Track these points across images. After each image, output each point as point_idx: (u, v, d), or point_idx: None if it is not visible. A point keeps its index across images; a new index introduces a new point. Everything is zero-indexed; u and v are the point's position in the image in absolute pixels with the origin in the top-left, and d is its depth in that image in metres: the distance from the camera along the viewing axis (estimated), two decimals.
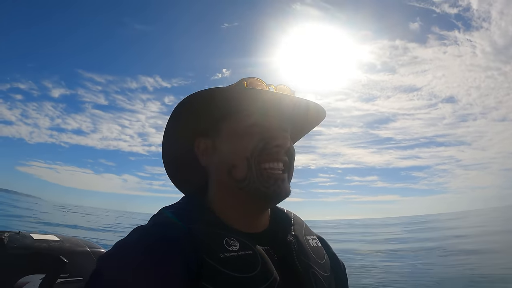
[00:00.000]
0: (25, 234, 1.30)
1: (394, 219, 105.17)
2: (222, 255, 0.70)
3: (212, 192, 0.86)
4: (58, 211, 49.73)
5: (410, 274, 10.38)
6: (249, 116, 0.81)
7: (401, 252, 16.54)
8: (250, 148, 0.78)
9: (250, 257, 0.73)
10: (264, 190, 0.78)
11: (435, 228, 37.44)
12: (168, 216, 0.78)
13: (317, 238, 0.96)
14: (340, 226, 49.33)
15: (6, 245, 1.20)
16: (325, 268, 0.86)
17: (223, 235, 0.74)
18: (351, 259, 13.92)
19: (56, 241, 1.32)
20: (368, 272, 10.88)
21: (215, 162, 0.84)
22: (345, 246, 19.94)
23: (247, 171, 0.78)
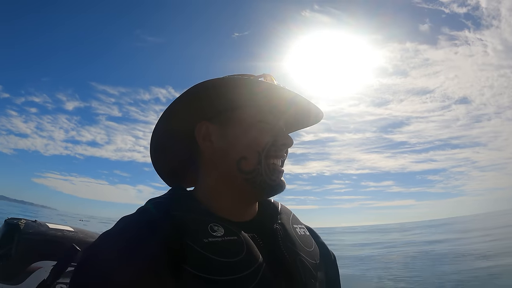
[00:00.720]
0: (41, 223, 1.33)
1: (419, 223, 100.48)
2: (206, 240, 0.70)
3: (205, 178, 0.86)
4: (74, 220, 50.39)
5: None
6: (264, 111, 0.83)
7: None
8: (262, 143, 0.81)
9: (234, 243, 0.73)
10: (270, 183, 0.81)
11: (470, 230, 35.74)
12: (153, 205, 0.79)
13: (305, 227, 0.97)
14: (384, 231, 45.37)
15: (22, 230, 1.23)
16: (313, 256, 0.86)
17: (207, 221, 0.75)
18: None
19: (70, 231, 1.34)
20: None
21: (221, 150, 0.83)
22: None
23: (256, 164, 0.80)
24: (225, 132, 0.83)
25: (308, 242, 0.90)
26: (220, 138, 0.83)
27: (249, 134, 0.81)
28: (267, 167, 0.81)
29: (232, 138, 0.82)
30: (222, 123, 0.84)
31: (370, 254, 15.86)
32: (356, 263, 14.76)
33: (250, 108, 0.83)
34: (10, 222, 1.28)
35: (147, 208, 0.79)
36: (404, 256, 16.14)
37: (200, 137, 0.85)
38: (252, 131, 0.82)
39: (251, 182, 0.80)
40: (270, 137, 0.82)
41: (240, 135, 0.82)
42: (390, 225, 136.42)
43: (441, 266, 12.71)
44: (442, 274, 10.68)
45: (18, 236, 1.22)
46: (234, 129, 0.83)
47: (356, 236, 33.83)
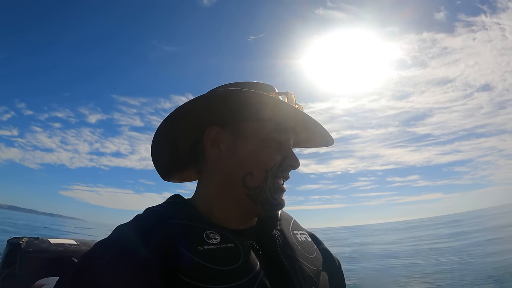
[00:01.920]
0: (42, 239, 1.33)
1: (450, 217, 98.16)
2: (201, 248, 0.68)
3: (207, 185, 0.85)
4: (102, 230, 51.71)
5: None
6: (279, 130, 0.82)
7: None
8: (271, 162, 0.79)
9: (231, 250, 0.72)
10: (272, 201, 0.80)
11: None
12: (149, 213, 0.79)
13: (306, 233, 0.95)
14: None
15: (23, 249, 1.24)
16: (315, 262, 0.84)
17: (203, 228, 0.74)
18: None
19: (72, 245, 1.34)
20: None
21: (228, 160, 0.82)
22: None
23: (261, 182, 0.79)
24: (236, 143, 0.81)
25: (310, 248, 0.88)
26: (230, 147, 0.82)
27: (260, 151, 0.80)
28: (272, 186, 0.80)
29: (242, 151, 0.80)
30: (234, 133, 0.82)
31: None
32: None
33: (266, 124, 0.81)
34: (12, 242, 1.30)
35: (142, 216, 0.78)
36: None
37: (208, 142, 0.83)
38: (263, 148, 0.80)
39: (252, 199, 0.79)
40: (279, 156, 0.80)
41: (251, 150, 0.80)
42: (423, 219, 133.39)
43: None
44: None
45: (20, 255, 1.23)
46: (246, 142, 0.81)
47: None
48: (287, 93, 0.85)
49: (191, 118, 0.84)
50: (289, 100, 0.84)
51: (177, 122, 0.85)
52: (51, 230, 35.53)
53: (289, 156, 0.83)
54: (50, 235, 2.52)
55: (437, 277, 9.70)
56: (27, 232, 24.19)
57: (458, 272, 10.11)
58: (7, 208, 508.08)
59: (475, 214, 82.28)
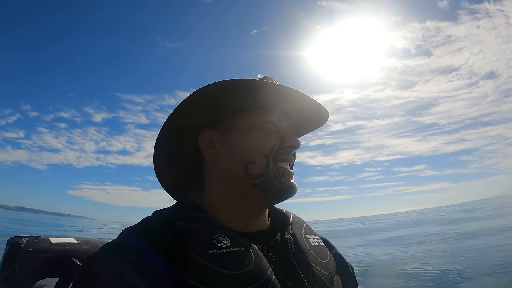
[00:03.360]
0: (43, 238, 1.30)
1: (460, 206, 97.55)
2: (210, 251, 0.67)
3: (214, 188, 0.83)
4: (111, 229, 52.16)
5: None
6: (268, 113, 0.80)
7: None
8: (269, 145, 0.78)
9: (241, 254, 0.70)
10: (280, 186, 0.78)
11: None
12: (157, 216, 0.77)
13: (319, 238, 0.92)
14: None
15: (22, 249, 1.21)
16: (328, 268, 0.82)
17: (213, 231, 0.73)
18: None
19: (73, 244, 1.31)
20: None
21: (227, 156, 0.81)
22: None
23: (264, 168, 0.77)
24: (229, 138, 0.81)
25: (323, 253, 0.87)
26: (224, 144, 0.82)
27: (254, 137, 0.79)
28: (276, 171, 0.78)
29: (237, 143, 0.80)
30: (224, 130, 0.82)
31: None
32: None
33: (253, 111, 0.80)
34: (11, 242, 1.27)
35: (150, 218, 0.77)
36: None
37: (204, 146, 0.84)
38: (257, 134, 0.79)
39: (259, 188, 0.78)
40: (276, 139, 0.78)
41: (245, 139, 0.79)
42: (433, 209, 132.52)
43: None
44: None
45: (19, 256, 1.20)
46: (238, 133, 0.81)
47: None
48: (264, 78, 0.83)
49: (181, 130, 0.84)
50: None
51: (170, 140, 0.85)
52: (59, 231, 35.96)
53: (286, 137, 0.80)
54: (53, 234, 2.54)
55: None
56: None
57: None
58: (15, 209, 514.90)
59: (483, 202, 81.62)
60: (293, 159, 0.83)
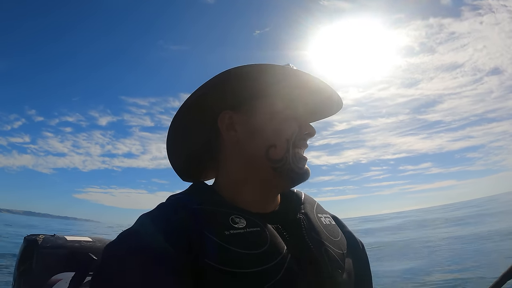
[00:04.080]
0: (59, 236, 1.34)
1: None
2: (227, 232, 0.69)
3: (229, 169, 0.84)
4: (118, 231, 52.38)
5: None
6: (290, 100, 0.82)
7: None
8: (291, 131, 0.80)
9: (257, 234, 0.72)
10: (298, 171, 0.80)
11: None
12: (172, 201, 0.78)
13: (330, 216, 0.94)
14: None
15: (40, 245, 1.25)
16: (340, 246, 0.84)
17: (228, 213, 0.74)
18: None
19: (88, 242, 1.35)
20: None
21: (247, 139, 0.82)
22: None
23: (284, 152, 0.79)
24: (251, 121, 0.82)
25: (334, 231, 0.88)
26: (246, 127, 0.82)
27: (277, 122, 0.80)
28: (294, 156, 0.80)
29: (259, 127, 0.81)
30: (247, 112, 0.83)
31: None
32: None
33: (276, 95, 0.82)
34: (28, 239, 1.31)
35: (165, 203, 0.78)
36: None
37: (223, 127, 0.83)
38: (279, 119, 0.81)
39: (279, 171, 0.80)
40: (297, 125, 0.81)
41: (268, 123, 0.81)
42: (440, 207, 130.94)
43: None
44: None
45: (37, 251, 1.24)
46: (261, 117, 0.81)
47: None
48: (288, 65, 0.84)
49: (201, 109, 0.84)
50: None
51: (187, 117, 0.85)
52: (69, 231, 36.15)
53: (304, 124, 0.83)
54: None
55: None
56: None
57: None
58: (22, 213, 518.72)
59: (490, 199, 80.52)
60: (307, 146, 0.85)
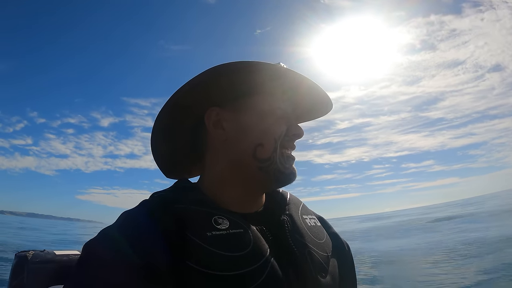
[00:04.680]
0: (48, 251, 1.40)
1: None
2: (209, 233, 0.68)
3: (214, 167, 0.84)
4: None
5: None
6: (280, 99, 0.82)
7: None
8: (279, 131, 0.80)
9: (240, 236, 0.71)
10: (284, 171, 0.80)
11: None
12: (155, 198, 0.77)
13: (316, 217, 0.93)
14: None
15: (29, 261, 1.30)
16: (324, 248, 0.83)
17: (211, 213, 0.72)
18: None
19: (76, 255, 1.39)
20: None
21: (234, 137, 0.81)
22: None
23: (272, 152, 0.79)
24: (240, 119, 0.81)
25: (319, 233, 0.87)
26: (234, 125, 0.81)
27: (266, 121, 0.80)
28: (281, 155, 0.80)
29: (248, 125, 0.80)
30: (235, 110, 0.82)
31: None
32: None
33: (266, 94, 0.81)
34: (19, 255, 1.37)
35: (148, 201, 0.77)
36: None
37: (210, 124, 0.83)
38: (268, 118, 0.80)
39: (265, 171, 0.79)
40: (284, 126, 0.81)
41: (257, 122, 0.80)
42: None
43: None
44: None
45: (27, 267, 1.30)
46: (250, 115, 0.81)
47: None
48: (279, 64, 0.82)
49: (186, 106, 0.82)
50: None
51: (173, 114, 0.83)
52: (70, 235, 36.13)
53: (293, 125, 0.82)
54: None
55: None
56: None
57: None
58: (25, 215, 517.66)
59: (493, 196, 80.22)
60: (295, 147, 0.84)
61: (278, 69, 0.78)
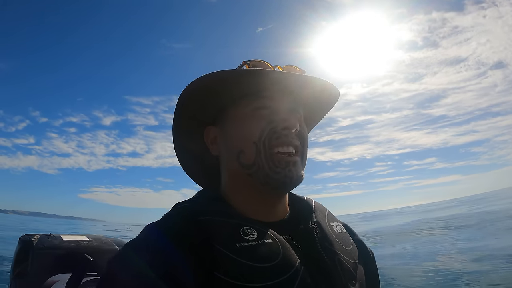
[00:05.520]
0: (55, 236, 1.31)
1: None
2: (238, 245, 0.65)
3: (224, 181, 0.82)
4: (123, 230, 52.80)
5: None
6: (255, 99, 0.76)
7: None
8: (257, 132, 0.74)
9: (269, 246, 0.68)
10: (274, 176, 0.73)
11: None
12: (179, 210, 0.74)
13: (341, 224, 0.90)
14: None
15: (35, 246, 1.22)
16: (352, 255, 0.80)
17: (239, 224, 0.70)
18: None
19: (84, 241, 1.32)
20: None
21: (224, 149, 0.81)
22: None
23: (255, 156, 0.74)
24: (223, 132, 0.81)
25: (346, 240, 0.84)
26: (222, 138, 0.81)
27: (243, 125, 0.76)
28: (269, 158, 0.73)
29: (230, 135, 0.79)
30: (221, 124, 0.82)
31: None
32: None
33: (243, 99, 0.78)
34: (23, 239, 1.28)
35: (172, 214, 0.75)
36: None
37: (208, 143, 0.84)
38: (246, 122, 0.76)
39: (255, 177, 0.74)
40: (267, 123, 0.75)
41: (235, 129, 0.78)
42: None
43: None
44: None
45: (32, 253, 1.22)
46: (231, 125, 0.79)
47: None
48: (246, 62, 0.79)
49: (187, 134, 0.85)
50: (256, 67, 0.77)
51: (182, 141, 0.86)
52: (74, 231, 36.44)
53: (280, 119, 0.75)
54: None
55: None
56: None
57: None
58: (28, 214, 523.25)
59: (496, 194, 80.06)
60: (297, 143, 0.76)
61: (240, 72, 0.75)
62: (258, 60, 0.79)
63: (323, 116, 0.93)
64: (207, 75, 0.74)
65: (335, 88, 0.83)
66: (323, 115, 0.93)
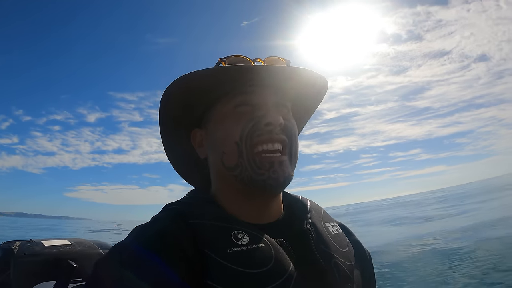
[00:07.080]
0: (36, 242, 1.28)
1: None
2: (229, 250, 0.64)
3: (213, 183, 0.81)
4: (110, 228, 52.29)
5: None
6: (235, 97, 0.73)
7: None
8: (238, 131, 0.71)
9: (262, 251, 0.66)
10: (257, 178, 0.70)
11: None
12: (168, 212, 0.73)
13: (337, 224, 0.87)
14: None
15: (16, 255, 1.18)
16: (348, 257, 0.77)
17: (230, 228, 0.68)
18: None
19: (67, 246, 1.28)
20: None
21: (210, 152, 0.80)
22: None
23: (238, 157, 0.71)
24: (209, 133, 0.79)
25: (342, 241, 0.82)
26: (207, 140, 0.80)
27: (225, 125, 0.74)
28: (251, 159, 0.70)
29: (212, 136, 0.78)
30: (205, 126, 0.81)
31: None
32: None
33: (223, 97, 0.75)
34: (4, 248, 1.24)
35: (161, 216, 0.73)
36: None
37: (196, 146, 0.84)
38: (228, 121, 0.74)
39: (240, 180, 0.72)
40: (248, 120, 0.71)
41: (218, 130, 0.76)
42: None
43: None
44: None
45: (13, 261, 1.18)
46: (213, 126, 0.78)
47: None
48: (222, 59, 0.77)
49: (177, 135, 0.85)
50: (234, 63, 0.74)
51: (171, 145, 0.86)
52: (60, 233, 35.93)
53: (263, 114, 0.71)
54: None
55: None
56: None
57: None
58: (14, 215, 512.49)
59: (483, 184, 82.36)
60: (283, 137, 0.72)
61: (223, 70, 0.72)
62: (236, 56, 0.76)
63: (315, 108, 0.90)
64: (181, 77, 0.71)
65: (322, 78, 0.79)
66: (314, 107, 0.89)
